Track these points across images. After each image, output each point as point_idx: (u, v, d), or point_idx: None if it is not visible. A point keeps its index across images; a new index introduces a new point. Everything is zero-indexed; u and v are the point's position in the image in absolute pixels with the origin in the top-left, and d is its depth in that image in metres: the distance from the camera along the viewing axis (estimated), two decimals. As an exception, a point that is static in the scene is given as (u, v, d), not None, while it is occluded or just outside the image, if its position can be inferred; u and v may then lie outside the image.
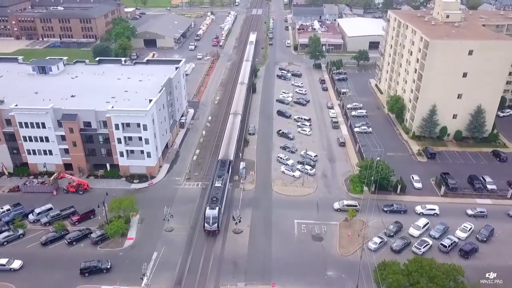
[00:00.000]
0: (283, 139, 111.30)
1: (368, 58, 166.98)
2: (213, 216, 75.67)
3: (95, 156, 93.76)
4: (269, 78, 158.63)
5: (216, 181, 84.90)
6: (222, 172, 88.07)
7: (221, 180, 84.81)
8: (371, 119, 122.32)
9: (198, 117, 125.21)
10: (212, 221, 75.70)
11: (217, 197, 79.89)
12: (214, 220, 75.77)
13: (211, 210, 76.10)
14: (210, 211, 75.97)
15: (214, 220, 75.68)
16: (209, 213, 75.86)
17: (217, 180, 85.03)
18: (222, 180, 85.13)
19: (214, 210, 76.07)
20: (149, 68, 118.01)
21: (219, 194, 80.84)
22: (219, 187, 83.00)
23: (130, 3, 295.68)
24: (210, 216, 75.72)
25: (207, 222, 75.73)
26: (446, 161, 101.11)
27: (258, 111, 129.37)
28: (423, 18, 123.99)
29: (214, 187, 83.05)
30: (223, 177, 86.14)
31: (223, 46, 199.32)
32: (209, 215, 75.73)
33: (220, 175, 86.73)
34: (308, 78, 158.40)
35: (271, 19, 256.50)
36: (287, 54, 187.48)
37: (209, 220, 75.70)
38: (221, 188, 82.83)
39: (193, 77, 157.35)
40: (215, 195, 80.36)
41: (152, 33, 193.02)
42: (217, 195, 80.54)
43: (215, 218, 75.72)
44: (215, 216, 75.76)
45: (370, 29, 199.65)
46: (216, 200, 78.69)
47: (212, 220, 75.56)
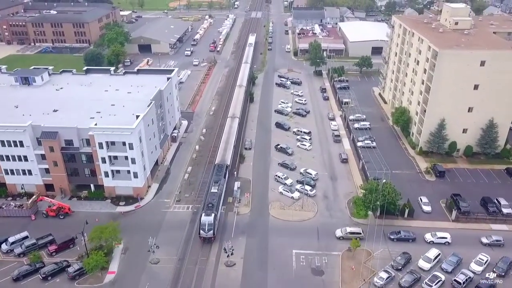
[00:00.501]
0: (281, 155, 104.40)
1: (371, 64, 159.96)
2: (209, 222, 73.48)
3: (78, 176, 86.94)
4: (268, 86, 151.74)
5: (213, 186, 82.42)
6: (219, 178, 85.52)
7: (217, 186, 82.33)
8: (375, 132, 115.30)
9: (191, 129, 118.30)
10: (208, 228, 73.43)
11: (213, 203, 77.32)
12: (209, 227, 73.45)
13: (207, 216, 73.88)
14: (205, 218, 73.79)
15: (210, 227, 73.43)
16: (205, 219, 73.70)
17: (213, 186, 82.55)
18: (219, 185, 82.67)
19: (209, 216, 73.88)
20: (140, 78, 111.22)
21: (215, 200, 78.24)
22: (215, 192, 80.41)
23: (126, 6, 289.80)
24: (206, 222, 73.53)
25: (203, 229, 73.62)
26: (456, 180, 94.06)
27: (256, 122, 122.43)
28: (430, 24, 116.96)
29: (210, 193, 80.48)
30: (219, 182, 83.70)
31: (220, 52, 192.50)
32: (204, 221, 73.62)
33: (216, 181, 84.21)
34: (308, 86, 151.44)
35: (271, 23, 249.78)
36: (287, 60, 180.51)
37: (204, 227, 73.51)
38: (217, 194, 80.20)
39: (188, 85, 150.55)
40: (211, 201, 77.78)
41: (147, 38, 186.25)
42: (213, 201, 77.93)
43: (210, 225, 73.48)
44: (210, 222, 73.53)
45: (373, 33, 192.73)
46: (212, 207, 76.26)
47: (207, 227, 73.38)
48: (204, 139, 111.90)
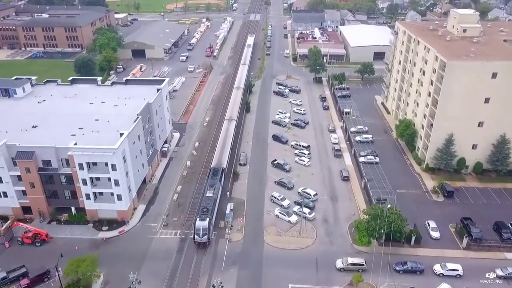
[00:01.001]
0: (278, 171, 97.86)
1: (373, 71, 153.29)
2: (203, 227, 73.14)
3: (58, 198, 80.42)
4: (265, 94, 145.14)
5: (208, 190, 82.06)
6: (214, 181, 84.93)
7: (212, 190, 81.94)
8: (378, 146, 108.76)
9: (183, 142, 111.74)
10: (202, 232, 73.08)
11: (207, 207, 76.95)
12: (204, 231, 73.08)
13: (201, 221, 73.62)
14: (200, 223, 73.50)
15: (204, 231, 73.09)
16: (199, 224, 73.42)
17: (208, 190, 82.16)
18: (214, 189, 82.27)
19: (204, 221, 73.55)
20: (128, 89, 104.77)
21: (210, 205, 77.90)
22: (210, 197, 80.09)
23: (122, 8, 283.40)
24: (200, 227, 73.20)
25: (197, 234, 73.36)
26: (466, 200, 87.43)
27: (251, 135, 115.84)
28: (436, 31, 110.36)
29: (205, 197, 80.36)
30: (214, 186, 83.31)
31: (217, 57, 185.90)
32: (199, 226, 73.32)
33: (212, 184, 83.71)
34: (307, 95, 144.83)
35: (270, 26, 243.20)
36: (286, 65, 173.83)
37: (199, 232, 73.22)
38: (212, 198, 79.82)
39: (182, 93, 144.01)
40: (206, 206, 77.37)
41: (141, 43, 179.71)
42: (208, 205, 77.59)
43: (205, 230, 73.16)
44: (205, 227, 73.23)
45: (375, 38, 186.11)
46: (206, 211, 75.98)
47: (202, 231, 73.07)
48: (196, 154, 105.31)
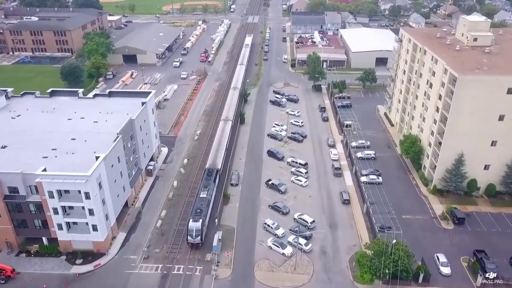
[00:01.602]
0: (273, 193, 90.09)
1: (375, 79, 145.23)
2: (196, 228, 73.45)
3: (27, 228, 72.78)
4: (261, 103, 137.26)
5: (202, 191, 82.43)
6: (208, 182, 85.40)
7: (206, 191, 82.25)
8: (381, 163, 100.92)
9: (172, 159, 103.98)
10: (195, 233, 73.44)
11: (201, 208, 77.48)
12: (197, 232, 73.49)
13: (195, 222, 73.94)
14: (193, 224, 73.80)
15: (197, 232, 73.48)
16: (192, 225, 73.71)
17: (202, 191, 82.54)
18: (208, 190, 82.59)
19: (197, 222, 73.88)
20: (111, 102, 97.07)
21: (203, 206, 78.43)
22: (204, 198, 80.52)
23: (117, 10, 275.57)
24: (193, 228, 73.51)
25: (190, 234, 73.71)
26: (478, 228, 79.57)
27: (245, 150, 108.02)
28: (444, 40, 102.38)
29: (199, 198, 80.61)
30: (208, 187, 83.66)
31: (212, 62, 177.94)
32: (192, 227, 73.63)
33: (206, 185, 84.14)
34: (306, 104, 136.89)
35: (268, 29, 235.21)
36: (283, 72, 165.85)
37: (192, 232, 73.53)
38: (206, 199, 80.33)
39: (173, 102, 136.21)
40: (199, 207, 77.85)
41: (132, 48, 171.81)
42: (201, 206, 78.10)
43: (198, 231, 73.49)
44: (198, 228, 73.51)
45: (377, 42, 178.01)
46: (200, 212, 76.44)
47: (195, 233, 73.40)
48: (184, 172, 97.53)
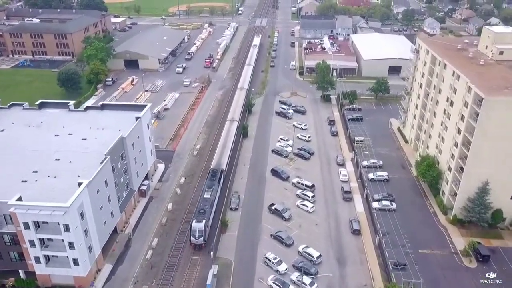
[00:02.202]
0: (276, 220, 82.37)
1: (388, 89, 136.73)
2: (199, 229, 73.40)
3: (2, 260, 65.91)
4: (266, 115, 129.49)
5: (205, 192, 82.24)
6: (212, 183, 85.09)
7: (210, 191, 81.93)
8: (395, 186, 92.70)
9: (168, 177, 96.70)
10: (198, 234, 73.37)
11: (204, 209, 77.53)
12: (200, 233, 73.40)
13: (198, 223, 73.93)
14: (196, 224, 73.89)
15: (200, 233, 73.40)
16: (195, 226, 73.83)
17: (206, 191, 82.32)
18: (212, 191, 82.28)
19: (200, 223, 73.80)
20: (103, 116, 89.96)
21: (207, 206, 78.35)
22: (207, 198, 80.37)
23: (122, 11, 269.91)
24: (196, 229, 73.54)
25: (193, 235, 73.70)
26: (505, 267, 70.94)
27: (247, 168, 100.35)
28: (465, 52, 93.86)
29: (203, 199, 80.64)
30: (212, 188, 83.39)
31: (216, 68, 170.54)
32: (195, 228, 73.74)
33: (210, 186, 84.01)
34: (313, 116, 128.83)
35: (276, 32, 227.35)
36: (291, 79, 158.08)
37: (195, 233, 73.53)
38: (209, 200, 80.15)
39: (173, 112, 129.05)
40: (202, 207, 77.98)
41: (134, 52, 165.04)
42: (205, 207, 78.13)
43: (201, 232, 73.44)
44: (201, 229, 73.46)
45: (390, 49, 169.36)
46: (203, 213, 76.51)
47: (198, 233, 73.37)
48: (180, 193, 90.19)
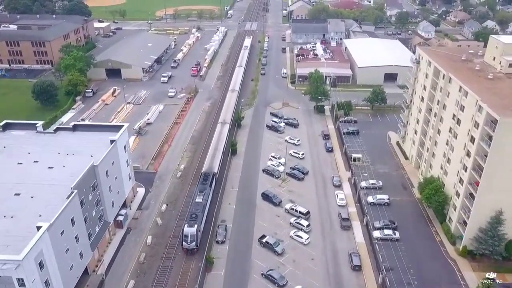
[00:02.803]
0: (267, 254, 73.98)
1: (385, 100, 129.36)
2: (191, 234, 72.87)
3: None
4: (257, 128, 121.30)
5: (197, 196, 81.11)
6: (204, 187, 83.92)
7: (202, 195, 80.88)
8: (397, 211, 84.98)
9: (148, 204, 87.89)
10: (190, 239, 72.78)
11: (196, 213, 76.76)
12: (192, 238, 72.82)
13: (190, 228, 73.38)
14: (188, 229, 73.27)
15: (192, 238, 72.85)
16: (187, 231, 73.18)
17: (198, 195, 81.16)
18: (204, 195, 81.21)
19: (192, 228, 73.30)
20: (75, 139, 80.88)
21: (199, 211, 77.56)
22: (199, 202, 79.48)
23: (107, 16, 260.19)
24: (188, 234, 72.92)
25: (185, 240, 73.09)
26: (523, 309, 64.00)
27: (236, 191, 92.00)
28: (471, 64, 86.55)
29: (194, 203, 79.65)
30: (204, 192, 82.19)
31: (203, 77, 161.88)
32: (187, 233, 73.08)
33: (201, 190, 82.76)
34: (307, 130, 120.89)
35: (266, 37, 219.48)
36: (282, 89, 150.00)
37: (187, 238, 72.95)
38: (201, 204, 79.30)
39: (157, 127, 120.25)
40: (194, 212, 77.20)
41: (116, 61, 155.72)
42: (197, 211, 77.35)
43: (193, 236, 72.88)
44: (193, 234, 72.92)
45: (385, 55, 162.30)
46: (195, 217, 75.77)
47: (190, 238, 72.80)
48: (161, 223, 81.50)
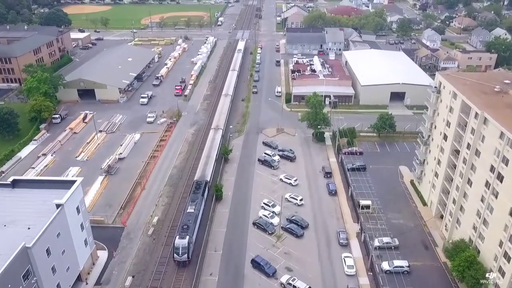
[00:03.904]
0: None
1: (394, 126, 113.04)
2: (183, 246, 69.79)
3: None
4: (247, 163, 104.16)
5: (189, 206, 78.48)
6: (196, 196, 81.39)
7: (194, 205, 78.36)
8: (419, 281, 68.23)
9: (109, 276, 69.92)
10: (182, 251, 69.74)
11: (188, 224, 73.71)
12: (183, 250, 69.74)
13: (181, 239, 70.36)
14: (179, 241, 70.26)
15: (184, 250, 69.70)
16: (179, 242, 70.16)
17: (189, 205, 78.60)
18: (196, 204, 78.69)
19: (184, 239, 70.27)
20: (13, 200, 63.71)
21: (190, 221, 74.53)
22: (191, 213, 76.66)
23: (88, 25, 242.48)
24: (180, 246, 69.90)
25: (176, 252, 69.99)
26: None
27: (219, 255, 74.47)
28: (507, 97, 70.07)
29: (186, 213, 76.72)
30: (196, 201, 79.60)
31: (188, 97, 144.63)
32: (178, 245, 70.06)
33: (193, 199, 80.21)
34: (305, 164, 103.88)
35: (259, 48, 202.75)
36: (277, 110, 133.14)
37: (178, 250, 69.90)
38: (193, 214, 76.48)
39: (130, 163, 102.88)
40: (186, 223, 74.26)
41: (89, 81, 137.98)
42: (188, 222, 74.36)
43: (184, 248, 69.72)
44: (184, 246, 69.78)
45: (390, 71, 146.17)
46: (187, 228, 72.65)
47: (181, 250, 69.68)
48: (124, 308, 64.64)
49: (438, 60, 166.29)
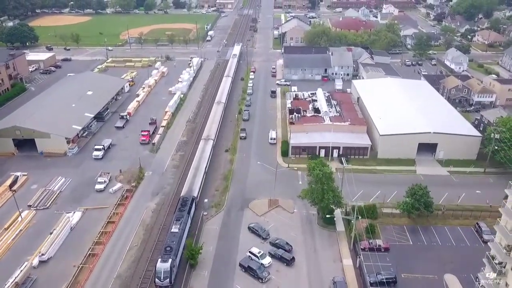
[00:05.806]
0: None
1: (431, 206, 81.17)
2: (165, 270, 64.96)
3: None
4: (223, 271, 72.05)
5: (173, 225, 72.35)
6: (182, 214, 74.78)
7: (178, 225, 72.09)
8: None
9: None
10: (164, 275, 64.83)
11: (171, 246, 68.09)
12: (165, 274, 64.84)
13: (163, 263, 65.40)
14: (161, 265, 65.37)
15: (166, 274, 64.88)
16: (160, 266, 65.31)
17: (174, 224, 72.48)
18: (181, 224, 72.45)
19: (166, 263, 65.30)
20: None
21: (174, 243, 68.74)
22: (175, 233, 70.68)
23: (57, 41, 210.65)
24: (161, 270, 65.00)
25: (158, 277, 65.23)
26: None
27: None
28: None
29: (170, 233, 70.95)
30: (181, 220, 73.26)
31: (157, 145, 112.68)
32: (160, 269, 65.22)
33: (178, 218, 73.81)
34: (307, 270, 71.57)
35: (252, 71, 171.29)
36: (269, 171, 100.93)
37: (160, 275, 64.94)
38: (177, 235, 70.40)
39: (54, 268, 71.21)
40: (169, 244, 68.47)
41: (26, 129, 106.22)
42: (172, 243, 68.63)
43: (166, 273, 64.89)
44: (166, 270, 64.96)
45: (415, 110, 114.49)
46: (170, 251, 67.43)
47: (163, 275, 64.86)
48: None
49: (471, 93, 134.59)
